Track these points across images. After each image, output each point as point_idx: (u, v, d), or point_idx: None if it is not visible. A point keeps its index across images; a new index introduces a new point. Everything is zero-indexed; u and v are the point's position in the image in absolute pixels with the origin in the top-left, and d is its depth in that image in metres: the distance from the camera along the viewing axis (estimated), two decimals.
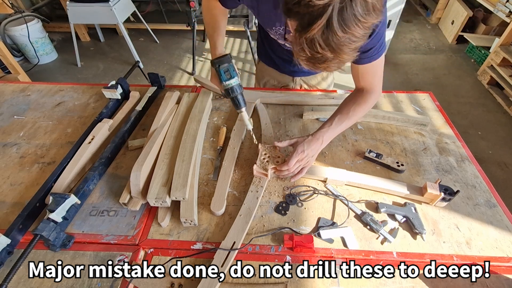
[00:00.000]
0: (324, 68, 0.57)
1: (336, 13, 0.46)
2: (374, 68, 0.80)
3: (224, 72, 0.77)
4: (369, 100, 0.84)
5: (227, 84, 0.77)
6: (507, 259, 0.71)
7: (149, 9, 3.82)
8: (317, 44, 0.51)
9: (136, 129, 1.04)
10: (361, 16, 0.47)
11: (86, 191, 0.81)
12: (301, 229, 0.76)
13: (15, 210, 0.79)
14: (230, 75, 0.76)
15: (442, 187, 0.78)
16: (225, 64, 0.77)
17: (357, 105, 0.83)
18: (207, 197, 0.83)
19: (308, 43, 0.51)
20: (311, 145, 0.79)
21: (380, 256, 0.71)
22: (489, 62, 2.75)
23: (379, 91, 0.86)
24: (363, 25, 0.49)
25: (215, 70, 0.80)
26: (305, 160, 0.81)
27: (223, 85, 0.79)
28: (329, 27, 0.48)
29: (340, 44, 0.50)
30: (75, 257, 0.70)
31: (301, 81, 1.23)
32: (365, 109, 0.85)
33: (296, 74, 1.20)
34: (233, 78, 0.76)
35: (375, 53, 0.75)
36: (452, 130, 1.04)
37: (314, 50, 0.52)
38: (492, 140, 2.27)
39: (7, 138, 1.01)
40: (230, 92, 0.78)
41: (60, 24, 3.43)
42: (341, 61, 0.55)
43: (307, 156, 0.80)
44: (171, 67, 3.13)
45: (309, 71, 1.17)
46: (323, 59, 0.54)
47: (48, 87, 1.24)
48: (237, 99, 0.79)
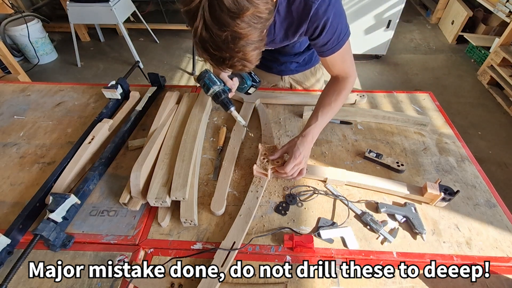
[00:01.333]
0: (230, 67, 0.57)
1: (208, 13, 0.47)
2: (340, 57, 0.81)
3: (203, 86, 0.87)
4: (347, 85, 0.86)
5: (210, 93, 0.87)
6: (507, 259, 0.71)
7: (149, 9, 3.82)
8: (207, 45, 0.52)
9: (136, 129, 1.04)
10: (233, 10, 0.47)
11: (86, 191, 0.81)
12: (301, 229, 0.76)
13: (15, 210, 0.79)
14: (208, 87, 0.86)
15: (442, 187, 0.78)
16: (202, 79, 0.87)
17: (337, 93, 0.85)
18: (207, 197, 0.83)
19: (201, 45, 0.53)
20: (304, 145, 0.80)
21: (380, 256, 0.71)
22: (489, 62, 2.75)
23: (354, 74, 0.88)
24: (241, 19, 0.48)
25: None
26: (302, 162, 0.81)
27: (208, 95, 0.88)
28: (207, 28, 0.48)
29: (229, 42, 0.50)
30: (75, 257, 0.70)
31: (290, 79, 1.23)
32: (346, 95, 0.87)
33: (284, 73, 1.20)
34: (211, 88, 0.86)
35: (334, 44, 0.77)
36: (452, 130, 1.04)
37: (209, 52, 0.53)
38: (492, 140, 2.27)
39: (7, 138, 1.01)
40: (215, 99, 0.87)
41: (60, 24, 3.43)
42: (244, 59, 0.56)
43: (302, 156, 0.80)
44: (171, 67, 3.13)
45: (296, 69, 1.18)
46: (222, 59, 0.55)
47: (48, 87, 1.24)
48: (223, 102, 0.86)
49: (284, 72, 1.19)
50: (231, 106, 0.86)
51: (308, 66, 1.19)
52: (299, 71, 1.20)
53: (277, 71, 1.19)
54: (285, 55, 1.08)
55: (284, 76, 1.21)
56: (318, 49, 0.82)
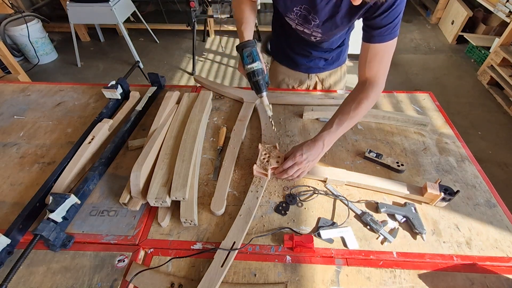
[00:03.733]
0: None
1: None
2: (383, 52, 0.79)
3: (247, 56, 0.77)
4: (371, 95, 0.81)
5: (249, 67, 0.77)
6: (507, 259, 0.71)
7: (149, 9, 3.82)
8: None
9: (136, 129, 1.04)
10: None
11: (86, 191, 0.81)
12: (301, 229, 0.76)
13: (15, 210, 0.79)
14: (253, 59, 0.76)
15: (442, 187, 0.78)
16: (248, 47, 0.77)
17: (358, 103, 0.81)
18: (207, 197, 0.83)
19: None
20: (310, 149, 0.78)
21: (380, 256, 0.71)
22: (489, 62, 2.75)
23: (382, 83, 0.83)
24: None
25: (240, 54, 0.79)
26: (303, 164, 0.79)
27: (246, 68, 0.78)
28: None
29: None
30: (75, 257, 0.70)
31: (316, 78, 1.23)
32: (367, 107, 0.82)
33: (312, 70, 1.19)
34: (255, 62, 0.76)
35: (388, 32, 0.75)
36: (452, 130, 1.04)
37: None
38: (492, 140, 2.27)
39: (7, 138, 1.01)
40: (252, 76, 0.78)
41: (60, 24, 3.43)
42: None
43: (306, 160, 0.78)
44: (171, 67, 3.13)
45: (324, 67, 1.17)
46: None
47: (48, 87, 1.24)
48: (258, 83, 0.78)
49: (312, 70, 1.19)
50: (265, 91, 0.79)
51: (335, 65, 1.19)
52: (325, 70, 1.20)
53: (305, 68, 1.18)
54: (318, 50, 1.08)
55: (311, 74, 1.21)
56: (370, 32, 0.77)
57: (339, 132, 0.81)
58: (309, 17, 0.86)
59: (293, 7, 0.85)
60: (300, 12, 0.85)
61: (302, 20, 0.89)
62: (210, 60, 3.26)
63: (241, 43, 0.80)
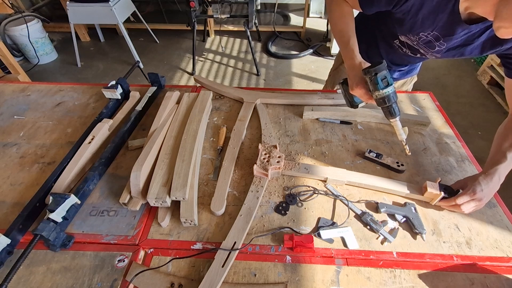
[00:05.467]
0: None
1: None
2: None
3: (382, 80, 0.71)
4: None
5: (384, 92, 0.71)
6: (507, 259, 0.71)
7: (149, 9, 3.82)
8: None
9: (136, 129, 1.04)
10: None
11: (86, 191, 0.81)
12: (301, 229, 0.76)
13: (15, 210, 0.79)
14: (388, 82, 0.71)
15: (442, 186, 0.78)
16: (383, 71, 0.71)
17: None
18: (207, 197, 0.83)
19: None
20: (488, 184, 0.73)
21: (380, 256, 0.71)
22: (489, 62, 2.75)
23: None
24: None
25: (369, 78, 0.73)
26: (483, 201, 0.73)
27: (379, 93, 0.72)
28: None
29: None
30: (75, 257, 0.70)
31: None
32: None
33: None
34: (390, 86, 0.71)
35: None
36: (452, 130, 1.04)
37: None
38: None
39: (7, 138, 1.01)
40: (387, 101, 0.73)
41: (60, 24, 3.44)
42: None
43: (486, 197, 0.73)
44: (171, 67, 3.13)
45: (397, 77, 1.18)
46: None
47: (48, 87, 1.24)
48: (393, 108, 0.74)
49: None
50: (399, 115, 0.75)
51: (407, 76, 1.20)
52: (398, 79, 1.20)
53: None
54: (400, 63, 1.08)
55: None
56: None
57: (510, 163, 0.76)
58: (435, 43, 0.80)
59: (420, 32, 0.79)
60: (426, 38, 0.79)
61: (423, 45, 0.83)
62: (210, 60, 3.26)
63: (373, 66, 0.71)
